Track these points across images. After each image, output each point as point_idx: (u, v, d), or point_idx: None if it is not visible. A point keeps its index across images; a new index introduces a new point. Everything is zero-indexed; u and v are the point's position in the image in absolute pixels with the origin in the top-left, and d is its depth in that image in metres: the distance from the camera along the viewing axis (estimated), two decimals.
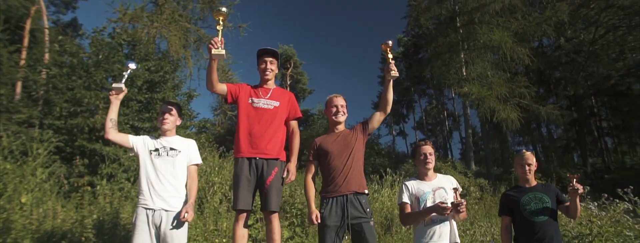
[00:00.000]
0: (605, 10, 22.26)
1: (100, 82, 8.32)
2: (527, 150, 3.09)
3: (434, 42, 20.59)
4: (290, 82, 33.91)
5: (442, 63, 19.35)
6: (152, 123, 8.56)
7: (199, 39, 13.13)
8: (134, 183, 7.05)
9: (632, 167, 17.80)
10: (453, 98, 33.61)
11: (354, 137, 2.85)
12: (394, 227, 6.44)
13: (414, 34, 31.40)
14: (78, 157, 7.49)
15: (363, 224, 2.59)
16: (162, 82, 9.53)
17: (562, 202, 2.89)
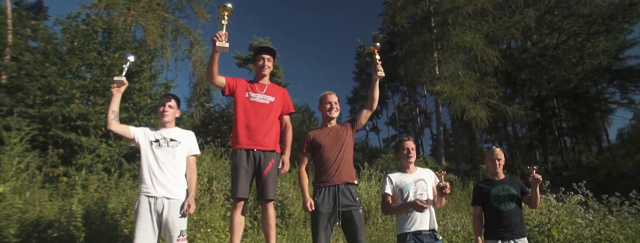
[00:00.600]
0: (568, 18, 23.64)
1: (76, 70, 8.09)
2: (495, 147, 3.41)
3: (409, 41, 21.03)
4: None
5: (417, 62, 19.85)
6: (129, 113, 8.42)
7: (177, 29, 12.87)
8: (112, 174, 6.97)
9: (587, 165, 19.13)
10: (425, 95, 34.39)
11: (345, 132, 3.05)
12: (371, 218, 6.70)
13: (389, 31, 31.78)
14: (52, 146, 7.29)
15: (353, 211, 2.81)
16: (139, 71, 9.36)
17: (526, 194, 3.22)
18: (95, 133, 7.59)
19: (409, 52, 21.05)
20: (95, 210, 3.99)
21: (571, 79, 24.74)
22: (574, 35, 23.90)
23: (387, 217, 6.26)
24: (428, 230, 2.91)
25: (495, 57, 17.82)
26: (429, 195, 3.00)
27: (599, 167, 17.50)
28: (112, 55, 8.77)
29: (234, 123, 2.90)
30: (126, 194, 4.78)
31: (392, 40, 32.08)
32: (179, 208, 2.65)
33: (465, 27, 18.55)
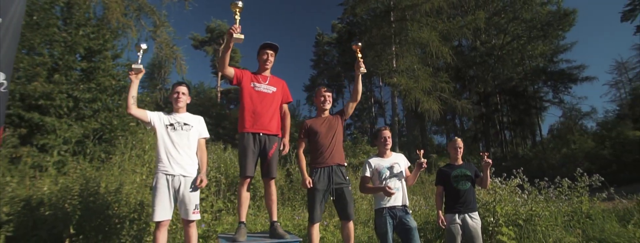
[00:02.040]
0: (512, 21, 25.71)
1: (38, 47, 7.72)
2: (457, 137, 4.06)
3: (368, 33, 21.60)
4: None
5: (375, 54, 20.53)
6: (92, 93, 8.21)
7: (140, 8, 12.37)
8: (77, 154, 6.88)
9: (523, 157, 21.19)
10: (380, 86, 35.43)
11: (336, 121, 3.52)
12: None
13: (349, 21, 32.14)
14: (8, 126, 7.00)
15: (344, 188, 3.31)
16: (103, 50, 9.08)
17: (478, 176, 3.88)
18: (57, 113, 7.38)
19: (368, 44, 21.54)
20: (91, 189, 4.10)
21: (513, 77, 27.07)
22: (517, 38, 26.10)
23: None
24: (400, 206, 3.47)
25: (448, 54, 18.99)
26: (402, 176, 3.55)
27: (532, 159, 19.48)
28: (74, 31, 8.45)
29: (241, 110, 3.23)
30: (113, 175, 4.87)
31: (351, 31, 32.49)
32: (194, 185, 2.96)
33: (423, 24, 19.52)
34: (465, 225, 3.63)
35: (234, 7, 2.96)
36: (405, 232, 3.36)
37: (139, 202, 4.23)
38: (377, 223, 3.47)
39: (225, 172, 7.07)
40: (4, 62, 2.38)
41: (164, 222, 2.83)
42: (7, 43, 2.40)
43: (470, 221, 3.64)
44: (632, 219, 5.14)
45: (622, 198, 6.17)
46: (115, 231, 3.87)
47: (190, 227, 2.93)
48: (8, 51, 2.41)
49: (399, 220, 3.40)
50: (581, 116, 29.05)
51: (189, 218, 2.90)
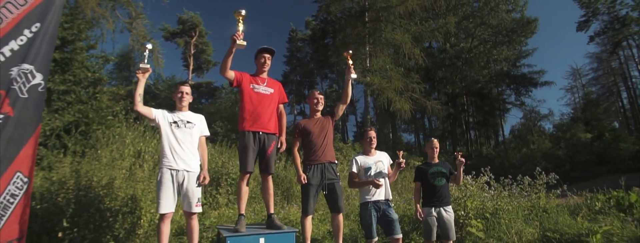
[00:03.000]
0: (480, 26, 26.97)
1: None
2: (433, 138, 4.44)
3: (342, 32, 21.95)
4: (194, 51, 32.24)
5: None
6: (67, 85, 8.02)
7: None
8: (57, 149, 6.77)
9: (486, 156, 22.37)
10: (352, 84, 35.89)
11: (328, 122, 3.79)
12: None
13: (323, 19, 32.29)
14: None
15: (335, 184, 3.59)
16: (76, 40, 8.84)
17: (452, 173, 4.27)
18: None
19: (342, 43, 21.89)
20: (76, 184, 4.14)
21: (479, 80, 28.37)
22: (483, 42, 27.41)
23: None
24: (384, 200, 3.80)
25: (420, 56, 19.67)
26: (385, 172, 3.88)
27: (495, 158, 20.62)
28: None
29: (242, 110, 3.43)
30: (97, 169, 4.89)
31: (325, 28, 32.69)
32: (195, 179, 3.14)
33: (396, 26, 20.10)
34: (441, 218, 4.00)
35: (237, 15, 3.16)
36: (387, 223, 3.69)
37: (131, 196, 4.32)
38: (363, 216, 3.79)
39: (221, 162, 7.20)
40: (42, 64, 2.50)
41: (168, 214, 3.00)
42: (45, 46, 2.52)
43: (445, 214, 4.02)
44: (580, 212, 5.78)
45: (574, 194, 6.84)
46: (108, 224, 3.95)
47: (192, 219, 3.12)
48: (45, 54, 2.52)
49: (382, 213, 3.73)
50: (540, 118, 30.96)
51: (192, 210, 3.09)
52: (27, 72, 2.45)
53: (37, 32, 2.55)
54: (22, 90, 2.48)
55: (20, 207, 2.37)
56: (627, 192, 6.38)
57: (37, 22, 2.53)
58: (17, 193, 2.34)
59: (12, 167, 2.35)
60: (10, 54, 2.46)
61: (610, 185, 7.11)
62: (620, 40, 26.56)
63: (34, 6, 2.51)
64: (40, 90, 2.60)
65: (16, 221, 2.36)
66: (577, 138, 21.12)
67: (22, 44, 2.47)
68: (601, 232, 4.74)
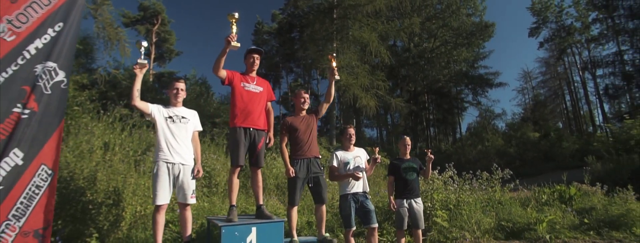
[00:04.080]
0: (442, 28, 28.18)
1: None
2: (406, 136, 4.80)
3: (310, 27, 22.06)
4: (156, 40, 31.08)
5: (316, 48, 21.09)
6: None
7: None
8: None
9: (445, 152, 23.61)
10: (317, 79, 36.14)
11: (313, 119, 4.03)
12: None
13: (291, 13, 32.17)
14: None
15: (319, 177, 3.85)
16: None
17: (422, 168, 4.66)
18: None
19: (310, 39, 22.00)
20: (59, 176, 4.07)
21: (439, 79, 29.67)
22: (445, 43, 28.67)
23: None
24: (362, 192, 4.10)
25: (386, 55, 20.26)
26: (362, 166, 4.18)
27: (453, 154, 21.80)
28: None
29: (233, 107, 3.56)
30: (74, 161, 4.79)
31: (292, 22, 32.60)
32: (190, 172, 3.26)
33: (364, 24, 20.52)
34: (412, 209, 4.38)
35: (230, 18, 3.31)
36: (365, 214, 4.00)
37: (113, 188, 4.32)
38: (342, 207, 4.07)
39: None
40: (64, 62, 2.54)
41: (164, 205, 3.11)
42: (67, 45, 2.56)
43: (415, 205, 4.40)
44: (530, 204, 6.45)
45: (524, 188, 7.54)
46: (90, 217, 3.95)
47: (186, 210, 3.25)
48: (68, 53, 2.57)
49: (360, 204, 4.03)
50: (494, 117, 32.93)
51: (187, 202, 3.22)
52: (51, 69, 2.51)
53: (60, 31, 2.62)
54: (46, 86, 2.55)
55: (45, 197, 2.44)
56: (568, 186, 7.18)
57: (60, 21, 2.60)
58: (41, 184, 2.41)
59: (36, 159, 2.42)
60: (35, 52, 2.53)
61: (554, 180, 7.92)
62: (566, 48, 28.78)
63: (58, 6, 2.57)
64: (63, 87, 2.68)
65: (41, 211, 2.44)
66: (526, 137, 22.77)
67: (46, 43, 2.53)
68: (546, 221, 5.37)
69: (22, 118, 2.46)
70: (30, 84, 2.52)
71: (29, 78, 2.50)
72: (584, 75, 29.51)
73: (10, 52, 2.42)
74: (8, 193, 2.34)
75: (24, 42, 2.48)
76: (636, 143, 11.34)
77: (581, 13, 27.40)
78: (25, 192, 2.38)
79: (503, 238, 5.25)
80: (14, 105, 2.45)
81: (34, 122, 2.49)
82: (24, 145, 2.43)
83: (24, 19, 2.47)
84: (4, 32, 2.38)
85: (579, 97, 32.59)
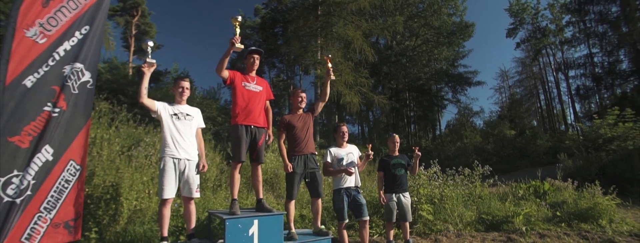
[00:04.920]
0: (424, 27, 28.74)
1: None
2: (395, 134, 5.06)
3: (295, 23, 22.07)
4: (136, 32, 30.41)
5: (300, 44, 21.18)
6: None
7: None
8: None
9: (425, 148, 24.15)
10: (300, 74, 36.11)
11: (309, 118, 4.21)
12: (278, 183, 7.88)
13: (274, 8, 32.04)
14: None
15: (316, 172, 4.04)
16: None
17: (410, 165, 4.92)
18: None
19: (294, 35, 22.02)
20: None
21: (420, 77, 30.27)
22: (426, 42, 29.25)
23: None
24: (354, 186, 4.33)
25: (370, 53, 20.55)
26: (355, 162, 4.40)
27: (433, 150, 22.36)
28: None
29: (234, 105, 3.70)
30: None
31: (275, 18, 32.46)
32: (195, 167, 3.39)
33: (348, 22, 20.72)
34: (400, 202, 4.64)
35: (234, 21, 3.46)
36: (357, 207, 4.23)
37: (112, 183, 4.38)
38: (336, 200, 4.28)
39: None
40: (90, 63, 2.63)
41: (170, 199, 3.23)
42: (93, 47, 2.66)
43: (403, 199, 4.67)
44: (507, 198, 6.84)
45: (502, 184, 7.96)
46: (90, 212, 4.02)
47: (191, 204, 3.39)
48: (93, 54, 2.66)
49: (352, 198, 4.26)
50: (472, 115, 33.84)
51: (192, 196, 3.35)
52: (78, 70, 2.62)
53: (87, 34, 2.72)
54: (74, 86, 2.66)
55: (74, 191, 2.56)
56: (542, 182, 7.63)
57: (87, 25, 2.70)
58: (70, 179, 2.52)
59: (65, 155, 2.54)
60: (64, 54, 2.63)
61: (529, 176, 8.39)
62: (541, 49, 29.85)
63: (84, 10, 2.67)
64: (89, 87, 2.80)
65: (71, 204, 2.56)
66: (503, 135, 23.59)
67: (73, 45, 2.63)
68: (523, 214, 5.75)
69: (52, 116, 2.57)
70: (60, 84, 2.62)
71: (58, 78, 2.61)
72: (557, 76, 30.72)
73: (41, 53, 2.52)
74: (39, 187, 2.45)
75: (54, 44, 2.58)
76: (604, 142, 12.02)
77: (556, 16, 28.48)
78: (55, 186, 2.50)
79: (483, 230, 5.60)
80: (44, 104, 2.56)
81: (63, 120, 2.60)
82: (54, 142, 2.54)
83: (54, 22, 2.57)
84: (36, 35, 2.47)
85: (552, 97, 33.93)
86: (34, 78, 2.48)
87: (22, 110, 2.43)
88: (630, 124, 11.79)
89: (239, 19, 3.45)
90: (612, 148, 11.57)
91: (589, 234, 5.11)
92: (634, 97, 20.83)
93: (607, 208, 5.81)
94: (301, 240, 3.68)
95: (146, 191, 5.12)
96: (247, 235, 3.27)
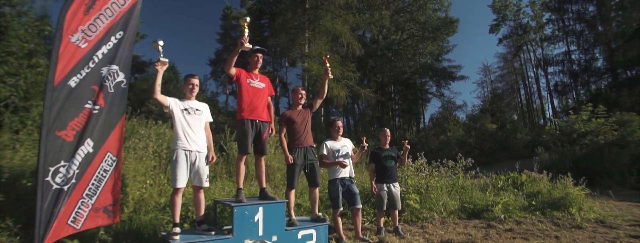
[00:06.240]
0: (409, 21, 29.16)
1: None
2: (386, 128, 5.39)
3: (282, 16, 22.11)
4: None
5: (288, 37, 21.28)
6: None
7: None
8: None
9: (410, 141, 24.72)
10: (286, 67, 36.18)
11: (307, 113, 4.49)
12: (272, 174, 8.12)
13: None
14: None
15: (314, 163, 4.34)
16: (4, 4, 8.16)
17: (399, 157, 5.27)
18: None
19: (281, 27, 22.06)
20: None
21: (406, 71, 30.78)
22: (411, 36, 29.72)
23: None
24: (348, 177, 4.66)
25: (357, 47, 20.82)
26: (350, 154, 4.72)
27: (417, 143, 22.91)
28: None
29: (240, 101, 3.93)
30: None
31: (262, 9, 32.25)
32: (205, 158, 3.63)
33: (336, 16, 20.90)
34: (390, 192, 5.01)
35: (243, 22, 3.70)
36: (351, 196, 4.57)
37: None
38: (331, 190, 4.61)
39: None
40: (124, 65, 2.87)
41: (182, 188, 3.47)
42: (126, 51, 2.87)
43: (393, 189, 5.04)
44: (488, 189, 7.31)
45: (484, 175, 8.44)
46: None
47: (200, 192, 3.63)
48: (127, 57, 2.89)
49: (347, 188, 4.60)
50: (455, 108, 34.73)
51: (202, 185, 3.59)
52: (114, 71, 2.87)
53: (121, 38, 2.98)
54: (111, 86, 2.93)
55: (111, 179, 2.85)
56: (520, 173, 8.14)
57: (121, 30, 2.96)
58: (108, 169, 2.79)
59: (103, 148, 2.81)
60: (102, 57, 2.88)
61: (509, 168, 8.91)
62: (522, 45, 30.77)
63: (119, 17, 2.92)
64: (123, 86, 3.08)
65: (109, 191, 2.86)
66: (485, 128, 24.36)
67: (110, 48, 2.88)
68: (501, 203, 6.22)
69: (93, 113, 2.84)
70: (99, 84, 2.88)
71: (97, 79, 2.86)
72: (537, 72, 31.79)
73: (83, 57, 2.76)
74: (82, 176, 2.72)
75: (93, 48, 2.82)
76: (578, 136, 12.70)
77: (536, 13, 29.36)
78: (95, 175, 2.78)
79: (466, 218, 6.04)
80: (86, 102, 2.81)
81: (101, 116, 2.87)
82: (94, 136, 2.81)
83: (93, 28, 2.80)
84: (79, 40, 2.69)
85: (532, 92, 35.09)
86: (77, 79, 2.71)
87: (67, 107, 2.68)
88: (602, 120, 12.48)
89: (247, 20, 3.67)
90: (586, 143, 12.24)
91: (560, 221, 5.59)
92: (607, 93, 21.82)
93: (577, 198, 6.32)
94: (301, 226, 3.98)
95: (148, 182, 5.32)
96: (253, 221, 3.55)
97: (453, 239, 4.61)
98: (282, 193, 5.91)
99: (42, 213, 2.55)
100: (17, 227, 3.45)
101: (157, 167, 6.14)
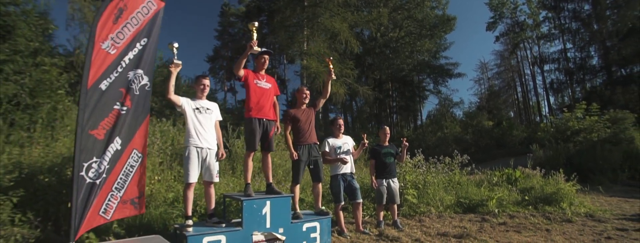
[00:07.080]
0: (407, 19, 29.35)
1: None
2: (386, 126, 5.61)
3: (281, 13, 22.24)
4: None
5: (287, 35, 21.42)
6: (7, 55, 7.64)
7: None
8: None
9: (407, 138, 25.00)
10: (284, 64, 36.36)
11: (311, 112, 4.70)
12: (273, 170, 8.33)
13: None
14: None
15: (318, 160, 4.55)
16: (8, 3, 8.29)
17: (398, 154, 5.49)
18: None
19: (280, 25, 22.17)
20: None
21: (403, 68, 31.02)
22: (409, 34, 29.94)
23: None
24: (349, 173, 4.89)
25: (355, 44, 20.99)
26: (350, 151, 4.93)
27: (414, 140, 23.18)
28: None
29: (248, 100, 4.13)
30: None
31: (260, 6, 32.36)
32: (215, 155, 3.82)
33: (334, 13, 21.04)
34: (389, 187, 5.24)
35: (251, 26, 3.89)
36: (352, 191, 4.80)
37: None
38: (333, 185, 4.84)
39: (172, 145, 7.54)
40: (148, 69, 3.12)
41: (193, 183, 3.67)
42: (151, 56, 3.10)
43: (393, 184, 5.26)
44: (483, 184, 7.56)
45: (479, 171, 8.70)
46: None
47: (211, 187, 3.83)
48: (150, 61, 3.13)
49: (348, 183, 4.83)
50: (452, 105, 35.00)
51: (213, 180, 3.79)
52: (139, 75, 3.13)
53: (145, 45, 3.24)
54: (136, 89, 3.20)
55: (137, 174, 3.13)
56: (514, 170, 8.39)
57: (145, 37, 3.21)
58: (134, 164, 3.06)
59: (130, 145, 3.09)
60: (129, 62, 3.13)
61: (504, 165, 9.17)
62: (518, 42, 31.04)
63: (143, 25, 3.19)
64: (147, 89, 3.36)
65: (135, 184, 3.16)
66: (481, 126, 24.66)
67: (135, 54, 3.15)
68: (496, 198, 6.46)
69: (121, 113, 3.10)
70: (126, 87, 3.14)
71: (124, 82, 3.12)
72: (533, 69, 32.10)
73: (112, 62, 3.01)
74: (111, 171, 3.00)
75: (121, 54, 3.07)
76: (572, 133, 12.98)
77: (533, 11, 29.61)
78: (123, 170, 3.06)
79: (461, 212, 6.28)
80: (114, 103, 3.08)
81: (128, 116, 3.14)
82: (122, 135, 3.08)
83: (121, 36, 3.05)
84: (109, 47, 2.94)
85: (528, 89, 35.42)
86: (108, 82, 2.96)
87: (99, 108, 2.94)
88: (595, 118, 12.76)
89: (255, 25, 3.86)
90: (579, 140, 12.53)
91: (552, 215, 5.84)
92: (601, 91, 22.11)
93: (568, 193, 6.58)
94: (306, 219, 4.19)
95: (156, 177, 5.53)
96: (261, 214, 3.76)
97: (449, 232, 4.84)
98: (284, 188, 6.13)
99: (77, 205, 2.80)
100: (37, 220, 3.65)
101: (163, 163, 6.35)
